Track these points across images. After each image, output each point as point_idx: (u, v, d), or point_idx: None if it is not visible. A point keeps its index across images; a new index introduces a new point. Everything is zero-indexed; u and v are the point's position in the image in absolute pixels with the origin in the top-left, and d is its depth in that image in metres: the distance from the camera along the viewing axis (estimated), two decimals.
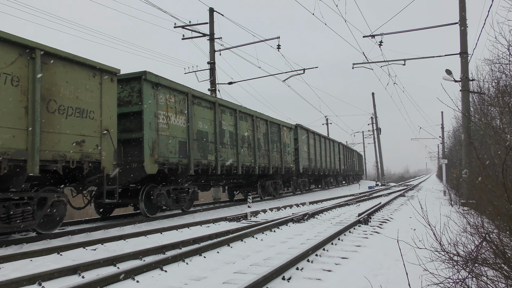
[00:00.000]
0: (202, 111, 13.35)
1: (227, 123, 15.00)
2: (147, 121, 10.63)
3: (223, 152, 14.49)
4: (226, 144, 14.80)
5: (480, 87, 16.52)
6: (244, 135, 16.34)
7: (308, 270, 5.30)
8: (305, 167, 24.72)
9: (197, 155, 12.80)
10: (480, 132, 13.94)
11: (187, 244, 7.25)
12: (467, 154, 15.10)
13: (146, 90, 10.74)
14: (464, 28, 15.36)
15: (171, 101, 11.74)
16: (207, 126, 13.61)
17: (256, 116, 17.70)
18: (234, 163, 15.30)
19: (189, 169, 12.30)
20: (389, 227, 9.50)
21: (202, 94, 13.49)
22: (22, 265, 6.01)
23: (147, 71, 10.69)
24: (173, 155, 11.63)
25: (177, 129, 11.93)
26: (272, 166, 19.21)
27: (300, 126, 24.42)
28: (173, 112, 11.82)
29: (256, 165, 17.17)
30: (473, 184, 7.76)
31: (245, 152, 16.29)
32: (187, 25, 20.19)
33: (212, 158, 13.70)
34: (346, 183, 42.97)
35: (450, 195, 17.15)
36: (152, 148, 10.74)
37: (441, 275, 3.53)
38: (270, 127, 19.41)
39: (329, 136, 39.54)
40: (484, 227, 4.23)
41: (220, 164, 14.04)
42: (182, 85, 12.29)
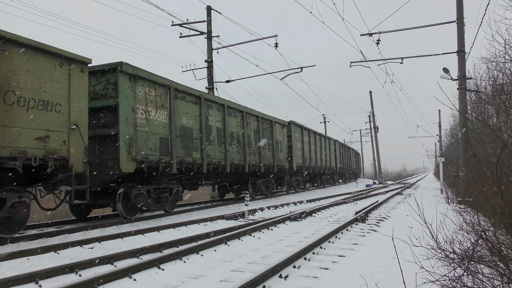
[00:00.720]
0: (186, 106, 12.60)
1: (214, 119, 14.28)
2: (123, 116, 9.89)
3: (209, 150, 13.81)
4: (213, 141, 14.12)
5: (477, 85, 16.58)
6: (233, 131, 15.68)
7: (305, 268, 5.32)
8: (299, 165, 24.07)
9: (180, 153, 12.09)
10: (477, 130, 13.98)
11: (185, 242, 7.25)
12: (464, 152, 15.15)
13: (123, 83, 9.99)
14: (462, 27, 15.39)
15: (151, 94, 11.00)
16: (192, 122, 12.84)
17: (246, 112, 16.99)
18: (222, 161, 14.67)
19: (171, 167, 11.60)
20: (386, 225, 9.53)
21: (186, 88, 12.68)
22: (19, 263, 6.00)
23: (123, 62, 9.93)
24: (153, 153, 10.92)
25: (158, 125, 11.20)
26: (264, 164, 18.47)
27: (293, 123, 23.81)
28: (153, 107, 11.06)
29: (246, 163, 16.49)
30: (470, 182, 7.79)
31: (234, 150, 15.64)
32: (184, 23, 20.17)
33: (197, 156, 13.00)
34: (343, 182, 42.66)
35: (447, 193, 17.21)
36: (129, 145, 10.03)
37: (437, 272, 3.54)
38: (262, 123, 18.71)
39: (326, 134, 39.07)
40: (480, 225, 4.24)
41: (206, 162, 13.38)
42: (164, 78, 11.58)
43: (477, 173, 4.92)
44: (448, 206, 13.20)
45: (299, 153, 24.28)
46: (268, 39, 20.94)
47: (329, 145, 33.21)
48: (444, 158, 26.77)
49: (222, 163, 14.65)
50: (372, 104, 48.77)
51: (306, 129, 26.52)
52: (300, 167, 24.43)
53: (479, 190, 4.68)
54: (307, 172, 26.20)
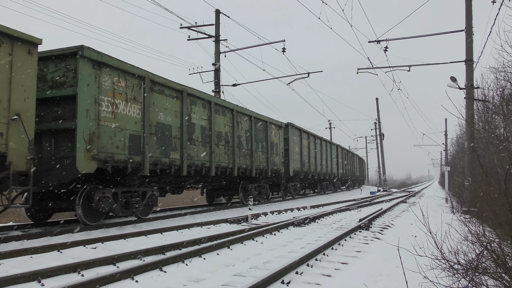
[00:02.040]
0: (164, 100, 11.33)
1: (198, 116, 12.96)
2: (83, 108, 8.67)
3: (191, 150, 12.48)
4: (196, 140, 12.77)
5: (485, 95, 16.51)
6: (220, 131, 14.32)
7: (308, 274, 5.29)
8: (296, 170, 22.74)
9: (155, 152, 10.83)
10: (483, 140, 13.90)
11: (187, 245, 7.25)
12: (470, 162, 15.06)
13: (84, 70, 8.77)
14: (470, 36, 15.33)
15: (120, 85, 9.74)
16: (171, 118, 11.55)
17: (236, 110, 15.59)
18: (206, 163, 13.31)
19: (143, 168, 10.30)
20: (390, 233, 9.48)
21: (165, 80, 11.37)
22: (22, 261, 6.03)
23: (85, 46, 8.74)
24: (121, 151, 9.66)
25: (128, 120, 9.94)
26: (256, 168, 17.13)
27: (291, 124, 22.39)
28: (123, 99, 9.80)
29: (235, 166, 15.14)
30: (475, 192, 7.74)
31: (221, 151, 14.29)
32: (193, 26, 20.26)
33: (176, 156, 11.70)
34: (346, 188, 42.05)
35: (452, 202, 17.09)
36: (90, 142, 8.80)
37: (441, 283, 3.52)
38: (255, 123, 17.29)
39: (332, 140, 38.80)
40: (485, 236, 4.21)
41: (187, 164, 12.10)
42: (138, 68, 10.31)
43: (483, 184, 4.88)
44: (453, 215, 13.11)
45: (296, 157, 23.03)
46: (275, 43, 20.98)
47: (330, 150, 32.01)
48: (450, 167, 26.62)
49: (207, 165, 13.36)
50: (378, 111, 48.69)
51: (305, 132, 25.27)
52: (298, 172, 23.17)
53: (485, 200, 4.65)
54: (305, 177, 25.01)
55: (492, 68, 18.88)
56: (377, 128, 51.08)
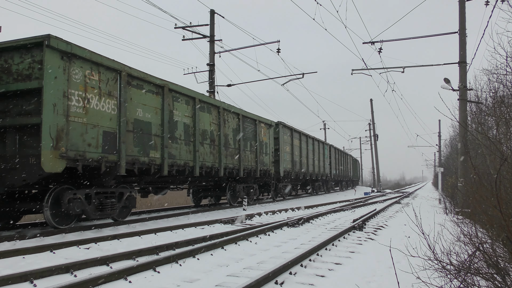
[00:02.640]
0: (143, 96, 10.67)
1: (181, 113, 12.30)
2: (49, 102, 8.03)
3: (173, 149, 11.83)
4: (178, 139, 12.11)
5: (478, 96, 16.62)
6: (205, 129, 13.71)
7: (301, 275, 5.30)
8: (287, 170, 22.23)
9: (132, 151, 10.16)
10: (476, 141, 14.00)
11: (181, 245, 7.23)
12: (463, 163, 15.15)
13: (51, 61, 8.12)
14: (464, 38, 15.43)
15: (93, 79, 9.12)
16: (151, 115, 10.90)
17: (223, 108, 14.95)
18: (190, 162, 12.67)
19: (119, 167, 9.65)
20: (384, 234, 9.52)
21: (144, 74, 10.67)
22: (14, 262, 5.99)
23: (52, 35, 8.08)
24: (93, 149, 9.02)
25: (102, 116, 9.29)
26: (244, 168, 16.55)
27: (282, 123, 21.84)
28: (96, 94, 9.18)
29: (221, 166, 14.53)
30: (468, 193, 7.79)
31: (206, 150, 13.68)
32: (187, 26, 20.22)
33: (156, 155, 11.04)
34: (339, 189, 42.03)
35: (445, 203, 17.19)
36: (57, 138, 8.14)
37: (434, 284, 3.54)
38: (243, 122, 16.67)
39: (326, 141, 38.78)
40: (477, 236, 4.24)
41: (168, 163, 11.44)
42: (113, 60, 9.66)
43: (475, 185, 4.92)
44: (446, 216, 13.19)
45: (287, 157, 22.54)
46: (270, 44, 21.00)
47: (323, 150, 31.54)
48: (443, 168, 26.77)
49: (190, 164, 12.70)
50: (373, 112, 48.83)
51: (297, 131, 24.74)
52: (289, 172, 22.67)
53: (477, 201, 4.68)
54: (296, 178, 24.50)
55: (485, 70, 19.02)
56: (371, 129, 51.28)
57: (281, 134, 21.54)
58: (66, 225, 9.22)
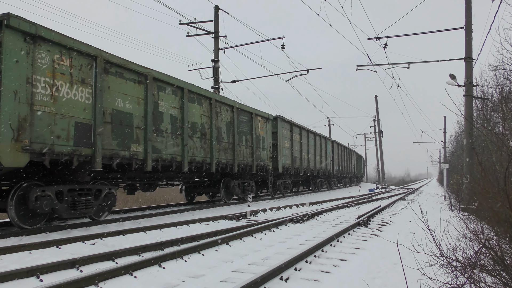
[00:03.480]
0: (123, 85, 9.84)
1: (167, 104, 11.48)
2: (9, 88, 7.26)
3: (158, 142, 11.01)
4: (164, 131, 11.30)
5: (484, 92, 16.51)
6: (195, 122, 12.88)
7: (306, 271, 5.30)
8: (286, 166, 21.31)
9: (110, 144, 9.35)
10: (482, 137, 13.91)
11: (186, 241, 7.26)
12: (468, 159, 15.07)
13: (11, 43, 7.36)
14: (469, 33, 15.32)
15: (63, 64, 8.27)
16: (133, 105, 10.09)
17: (215, 99, 14.13)
18: (178, 157, 11.85)
19: (94, 162, 8.84)
20: (389, 230, 9.50)
21: (124, 61, 9.84)
22: (20, 257, 6.03)
23: (12, 14, 7.32)
24: (64, 142, 8.19)
25: (74, 106, 8.45)
26: (239, 163, 15.71)
27: (281, 117, 20.93)
28: (67, 81, 8.33)
29: (212, 161, 13.70)
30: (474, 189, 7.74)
31: (196, 144, 12.84)
32: (192, 22, 20.20)
33: (139, 149, 10.20)
34: (343, 186, 41.58)
35: (451, 200, 17.13)
36: (19, 129, 7.40)
37: (440, 280, 3.52)
38: (238, 115, 15.82)
39: (331, 137, 38.48)
40: (483, 233, 4.22)
41: (152, 158, 10.62)
42: (87, 45, 8.80)
43: (481, 181, 4.89)
44: (451, 213, 13.14)
45: (286, 152, 21.62)
46: (274, 40, 20.94)
47: (325, 146, 30.57)
48: (449, 165, 26.65)
49: (178, 159, 11.88)
50: (377, 108, 48.69)
51: (297, 126, 23.74)
52: (288, 168, 21.77)
53: (484, 198, 4.65)
54: (296, 174, 23.58)
55: (492, 66, 18.89)
56: (376, 125, 51.12)
57: (279, 128, 20.78)
58: (33, 225, 8.49)
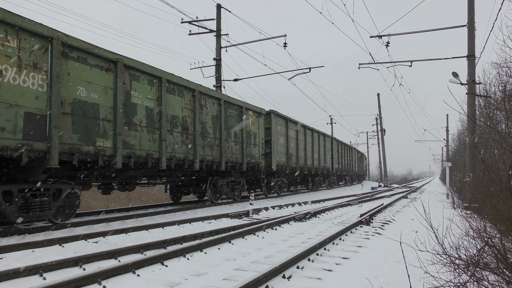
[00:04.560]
0: (88, 71, 8.79)
1: (142, 95, 10.41)
2: None
3: (131, 137, 9.96)
4: (138, 125, 10.22)
5: (487, 90, 16.48)
6: (175, 115, 11.78)
7: (309, 269, 5.30)
8: (280, 164, 20.19)
9: (71, 138, 8.32)
10: (485, 135, 13.88)
11: (189, 239, 7.27)
12: (471, 157, 15.05)
13: None
14: (472, 31, 15.27)
15: (8, 45, 7.30)
16: (99, 95, 9.07)
17: (199, 91, 12.96)
18: (154, 153, 10.77)
19: (50, 158, 7.84)
20: (391, 228, 9.49)
21: (89, 45, 8.79)
22: (24, 255, 6.05)
23: None
24: (9, 135, 7.23)
25: (23, 93, 7.48)
26: (227, 161, 14.63)
27: (275, 113, 19.65)
28: (14, 65, 7.36)
29: (196, 158, 12.54)
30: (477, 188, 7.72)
31: (176, 139, 11.75)
32: (194, 21, 20.20)
33: (106, 144, 9.17)
34: (343, 184, 40.74)
35: (453, 198, 17.10)
36: None
37: (442, 278, 3.52)
38: (226, 109, 14.67)
39: (333, 135, 38.28)
40: (486, 231, 4.21)
41: (123, 154, 9.59)
42: (41, 25, 7.80)
43: (484, 179, 4.88)
44: (454, 211, 13.12)
45: (281, 149, 20.42)
46: (276, 38, 20.93)
47: (324, 143, 29.30)
48: (451, 163, 26.61)
49: (155, 156, 10.81)
50: (380, 106, 48.62)
51: (293, 121, 22.47)
52: (283, 166, 20.59)
53: (486, 196, 4.65)
54: (291, 172, 22.37)
55: (494, 64, 18.82)
56: (378, 124, 51.08)
57: (273, 124, 19.47)
58: None
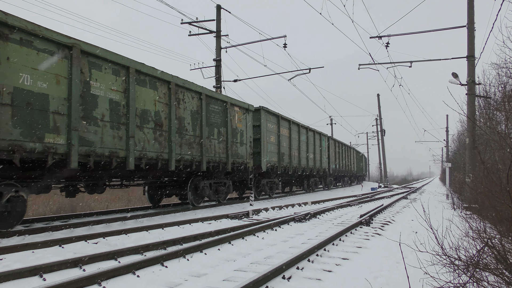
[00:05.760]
0: (34, 57, 7.71)
1: (105, 86, 9.24)
2: None
3: (90, 133, 8.81)
4: (100, 120, 9.10)
5: (486, 91, 16.49)
6: (147, 109, 10.61)
7: (309, 270, 5.30)
8: (271, 164, 19.02)
9: (10, 133, 7.26)
10: (485, 136, 13.89)
11: (188, 240, 7.27)
12: (471, 158, 15.05)
13: None
14: (472, 32, 15.28)
15: None
16: (49, 84, 7.92)
17: (176, 84, 11.75)
18: (120, 151, 9.61)
19: None
20: (391, 229, 9.49)
21: (34, 25, 7.67)
22: (23, 256, 6.05)
23: None
24: None
25: None
26: (209, 160, 13.47)
27: (265, 109, 18.43)
28: None
29: (171, 157, 11.40)
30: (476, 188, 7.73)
31: (147, 136, 10.56)
32: (194, 22, 20.22)
33: (57, 141, 8.02)
34: (341, 185, 40.18)
35: (453, 199, 17.10)
36: None
37: (442, 279, 3.52)
38: (208, 104, 13.56)
39: (333, 136, 38.15)
40: (486, 232, 4.21)
41: (80, 152, 8.44)
42: None
43: (484, 180, 4.89)
44: (453, 212, 13.12)
45: (272, 148, 19.25)
46: (276, 39, 20.95)
47: (320, 142, 28.08)
48: (451, 164, 26.61)
49: (121, 154, 9.62)
50: (380, 107, 48.64)
51: (286, 119, 21.29)
52: (274, 166, 19.45)
53: (486, 197, 4.65)
54: (284, 172, 21.24)
55: (494, 64, 18.85)
56: (378, 124, 51.08)
57: (263, 121, 18.26)
58: None
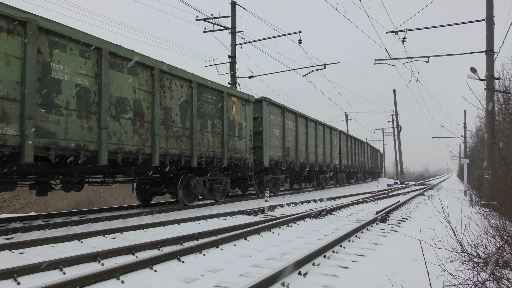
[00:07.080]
0: None
1: (70, 69, 8.06)
2: None
3: (51, 122, 7.66)
4: (63, 107, 7.90)
5: (506, 86, 16.19)
6: (124, 97, 9.40)
7: (325, 266, 5.30)
8: (275, 159, 17.68)
9: None
10: (504, 131, 13.64)
11: (204, 236, 7.32)
12: (489, 154, 14.80)
13: None
14: (491, 26, 14.99)
15: None
16: None
17: (161, 69, 10.52)
18: (90, 144, 8.45)
19: None
20: (408, 226, 9.41)
21: None
22: (44, 250, 6.17)
23: None
24: None
25: None
26: (201, 155, 12.24)
27: (267, 100, 17.03)
28: None
29: (155, 151, 10.18)
30: (496, 185, 7.61)
31: (125, 128, 9.38)
32: (209, 18, 20.26)
33: (7, 131, 6.91)
34: (354, 181, 38.89)
35: (471, 195, 16.86)
36: None
37: (461, 276, 3.48)
38: (200, 93, 12.26)
39: (348, 132, 37.74)
40: (506, 229, 4.15)
41: (38, 145, 7.38)
42: None
43: (503, 176, 4.80)
44: (472, 209, 12.94)
45: (276, 142, 17.84)
46: (291, 35, 20.86)
47: (330, 137, 26.56)
48: (469, 160, 26.21)
49: (91, 148, 8.48)
50: (396, 103, 48.12)
51: (292, 111, 19.93)
52: (278, 161, 18.06)
53: (506, 193, 4.57)
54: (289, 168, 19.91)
55: None
56: (394, 120, 50.54)
57: (265, 113, 16.84)
58: None
